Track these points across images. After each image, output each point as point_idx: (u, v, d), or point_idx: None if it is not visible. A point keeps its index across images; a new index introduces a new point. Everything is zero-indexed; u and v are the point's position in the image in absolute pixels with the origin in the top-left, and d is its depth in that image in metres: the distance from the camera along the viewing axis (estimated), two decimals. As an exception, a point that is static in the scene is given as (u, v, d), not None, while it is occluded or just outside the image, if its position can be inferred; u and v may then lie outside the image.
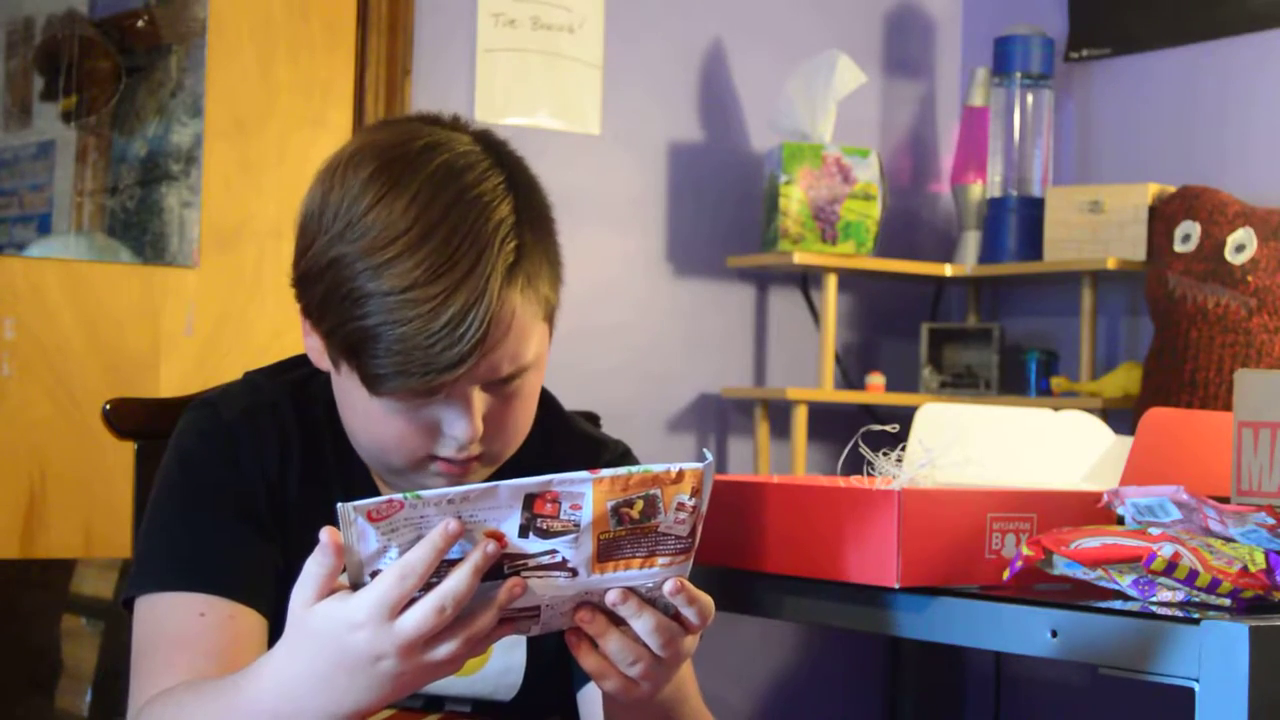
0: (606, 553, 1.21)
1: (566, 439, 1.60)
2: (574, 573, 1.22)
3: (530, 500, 1.19)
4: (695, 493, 1.21)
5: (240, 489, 1.47)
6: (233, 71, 2.98)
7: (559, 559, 1.21)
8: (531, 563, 1.21)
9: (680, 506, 1.21)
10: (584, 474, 1.19)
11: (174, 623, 1.42)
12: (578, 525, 1.20)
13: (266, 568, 1.46)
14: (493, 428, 1.43)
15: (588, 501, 1.19)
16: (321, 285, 1.39)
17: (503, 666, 1.52)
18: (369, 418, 1.42)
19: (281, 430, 1.50)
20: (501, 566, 1.21)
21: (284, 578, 1.43)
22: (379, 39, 3.09)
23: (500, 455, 1.46)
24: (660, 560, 1.22)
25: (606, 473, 1.20)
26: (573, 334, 3.21)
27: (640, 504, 1.20)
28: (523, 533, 1.20)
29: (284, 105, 3.03)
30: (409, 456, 1.43)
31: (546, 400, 1.59)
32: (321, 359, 1.46)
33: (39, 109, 2.83)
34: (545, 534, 1.20)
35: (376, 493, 1.50)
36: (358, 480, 1.52)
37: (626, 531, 1.21)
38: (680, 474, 1.21)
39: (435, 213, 1.36)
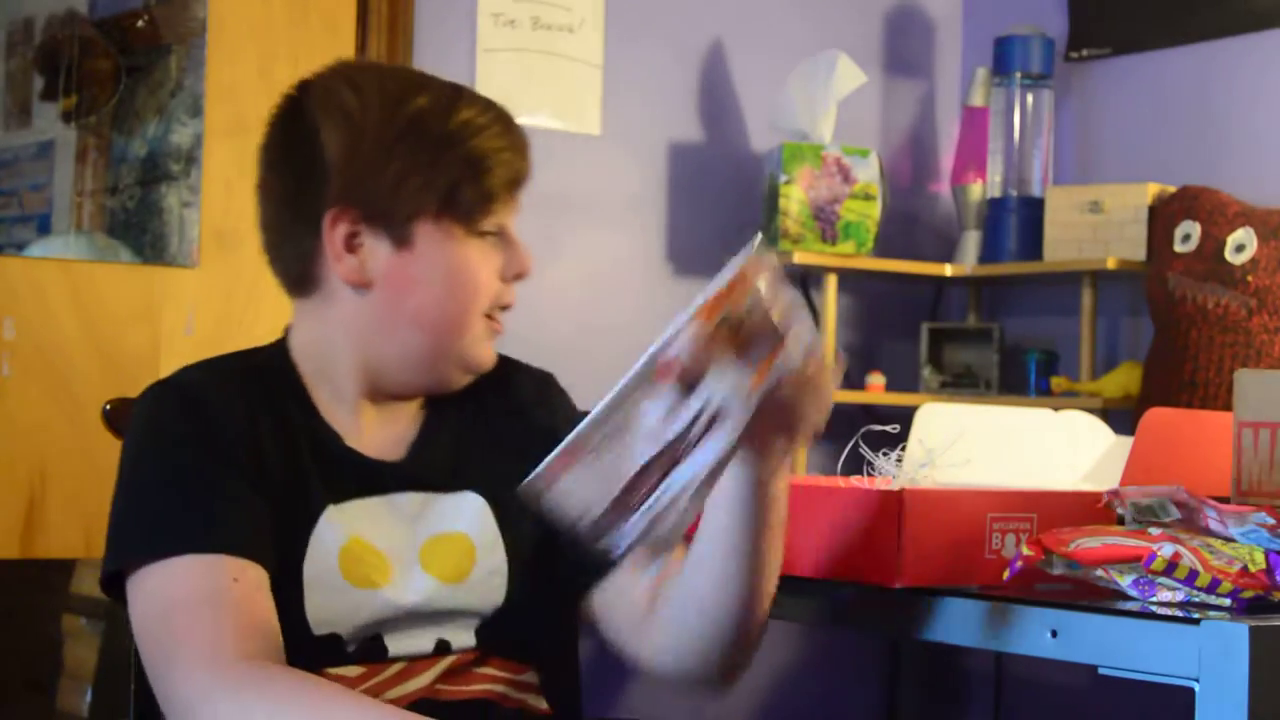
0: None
1: (515, 367, 1.71)
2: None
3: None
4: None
5: (221, 446, 1.46)
6: (233, 71, 2.98)
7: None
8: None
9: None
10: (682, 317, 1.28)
11: (206, 586, 1.39)
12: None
13: (266, 527, 1.46)
14: None
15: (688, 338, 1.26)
16: (401, 149, 1.51)
17: (487, 569, 1.55)
18: (460, 273, 1.54)
19: (244, 392, 1.52)
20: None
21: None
22: (379, 39, 3.09)
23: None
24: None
25: (698, 304, 1.27)
26: (573, 333, 3.21)
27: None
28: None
29: (284, 105, 3.02)
30: (484, 306, 1.56)
31: None
32: (373, 259, 1.52)
33: (39, 109, 2.82)
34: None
35: (345, 451, 1.54)
36: (325, 439, 1.54)
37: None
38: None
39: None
